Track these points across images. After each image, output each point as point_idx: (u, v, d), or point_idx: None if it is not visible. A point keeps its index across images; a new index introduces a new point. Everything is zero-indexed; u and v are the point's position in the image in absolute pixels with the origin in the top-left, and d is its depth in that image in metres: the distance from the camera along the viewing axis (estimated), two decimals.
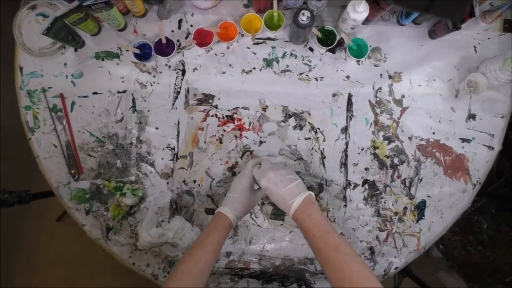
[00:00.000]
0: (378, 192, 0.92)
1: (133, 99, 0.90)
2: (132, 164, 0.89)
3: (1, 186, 0.98)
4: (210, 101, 0.91)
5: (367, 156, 0.92)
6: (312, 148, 0.92)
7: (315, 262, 0.90)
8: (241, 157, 0.91)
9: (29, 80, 0.88)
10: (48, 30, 0.74)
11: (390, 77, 0.93)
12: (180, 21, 0.91)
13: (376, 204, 0.92)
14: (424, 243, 0.92)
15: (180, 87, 0.91)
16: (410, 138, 0.93)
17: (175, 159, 0.90)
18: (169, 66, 0.91)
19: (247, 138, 0.91)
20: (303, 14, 0.78)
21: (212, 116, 0.91)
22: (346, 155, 0.92)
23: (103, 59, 0.90)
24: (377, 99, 0.93)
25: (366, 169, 0.92)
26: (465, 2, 0.75)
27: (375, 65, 0.93)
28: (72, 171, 0.87)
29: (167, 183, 0.89)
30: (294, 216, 0.68)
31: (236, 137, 0.91)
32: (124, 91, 0.90)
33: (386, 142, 0.93)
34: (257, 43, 0.92)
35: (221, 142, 0.91)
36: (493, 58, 0.89)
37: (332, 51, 0.93)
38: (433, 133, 0.93)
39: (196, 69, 0.91)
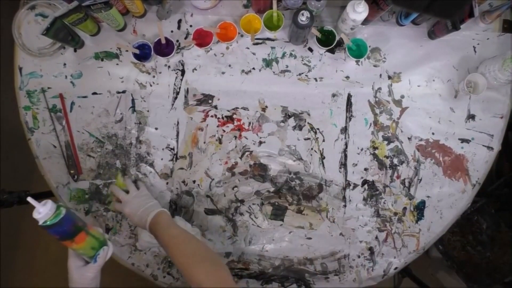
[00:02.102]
0: (377, 192, 0.92)
1: (133, 100, 0.90)
2: (131, 164, 0.89)
3: (0, 186, 0.98)
4: (210, 101, 0.91)
5: (367, 157, 0.92)
6: (312, 149, 0.92)
7: (315, 262, 0.90)
8: (240, 157, 0.91)
9: (29, 80, 0.88)
10: (47, 31, 0.74)
11: (389, 77, 0.93)
12: (179, 21, 0.91)
13: (375, 205, 0.92)
14: (423, 243, 0.92)
15: (180, 88, 0.91)
16: (409, 139, 0.93)
17: (174, 159, 0.90)
18: (169, 67, 0.91)
19: (247, 139, 0.91)
20: (303, 15, 0.78)
21: (212, 116, 0.91)
22: (345, 156, 0.92)
23: (102, 60, 0.90)
24: (377, 99, 0.93)
25: (366, 169, 0.92)
26: (464, 3, 0.75)
27: (375, 66, 0.93)
28: (72, 172, 0.87)
29: (167, 183, 0.89)
30: (150, 229, 0.73)
31: (235, 137, 0.91)
32: (124, 92, 0.90)
33: (386, 142, 0.93)
34: (257, 44, 0.92)
35: (220, 143, 0.91)
36: (493, 58, 0.89)
37: (332, 51, 0.93)
38: (433, 133, 0.93)
39: (196, 70, 0.91)
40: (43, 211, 0.55)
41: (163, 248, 0.70)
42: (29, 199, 0.56)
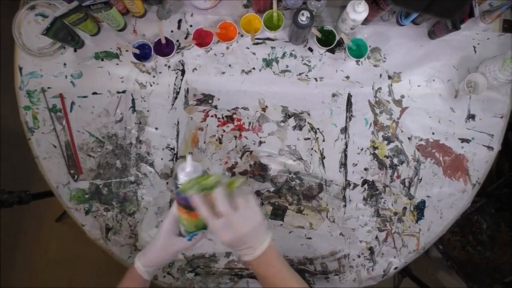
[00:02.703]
0: (377, 192, 0.92)
1: (133, 99, 0.90)
2: (131, 164, 0.89)
3: (0, 186, 0.97)
4: (210, 101, 0.91)
5: (367, 156, 0.92)
6: (312, 148, 0.92)
7: (315, 262, 0.90)
8: (240, 157, 0.91)
9: (29, 80, 0.88)
10: (47, 30, 0.74)
11: (389, 77, 0.93)
12: (179, 21, 0.91)
13: (375, 204, 0.92)
14: (423, 243, 0.92)
15: (180, 87, 0.91)
16: (409, 138, 0.93)
17: (174, 159, 0.90)
18: (169, 66, 0.91)
19: (247, 139, 0.91)
20: (303, 14, 0.78)
21: (212, 116, 0.91)
22: (345, 155, 0.92)
23: (102, 59, 0.90)
24: (377, 99, 0.93)
25: (366, 169, 0.92)
26: (464, 3, 0.75)
27: (375, 65, 0.93)
28: (72, 172, 0.87)
29: (167, 183, 0.89)
30: (253, 262, 0.55)
31: (235, 137, 0.91)
32: (124, 91, 0.90)
33: (386, 142, 0.93)
34: (257, 43, 0.92)
35: (220, 143, 0.91)
36: (493, 58, 0.89)
37: (332, 51, 0.93)
38: (433, 133, 0.93)
39: (196, 69, 0.91)
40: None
41: (265, 283, 0.57)
42: (188, 156, 0.53)
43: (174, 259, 0.62)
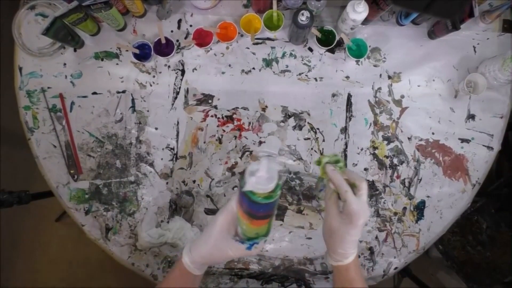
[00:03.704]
0: (377, 192, 0.92)
1: (133, 99, 0.90)
2: (131, 164, 0.89)
3: (0, 186, 0.97)
4: (210, 101, 0.91)
5: (367, 156, 0.92)
6: (312, 148, 0.92)
7: (315, 262, 0.90)
8: (240, 157, 0.91)
9: (29, 80, 0.88)
10: (47, 30, 0.74)
11: (389, 77, 0.93)
12: (179, 21, 0.91)
13: (375, 204, 0.92)
14: (423, 243, 0.92)
15: (180, 87, 0.91)
16: (409, 138, 0.93)
17: (174, 159, 0.90)
18: (169, 66, 0.91)
19: (247, 138, 0.91)
20: (303, 14, 0.78)
21: (212, 116, 0.91)
22: (345, 155, 0.92)
23: (102, 59, 0.90)
24: (377, 99, 0.93)
25: (366, 169, 0.92)
26: (464, 3, 0.75)
27: (375, 65, 0.93)
28: (72, 171, 0.87)
29: (167, 183, 0.89)
30: (347, 266, 0.56)
31: (235, 137, 0.91)
32: (124, 91, 0.90)
33: (386, 142, 0.93)
34: (257, 43, 0.92)
35: (220, 142, 0.91)
36: (493, 58, 0.89)
37: (332, 51, 0.93)
38: (433, 133, 0.93)
39: (196, 69, 0.91)
40: (262, 184, 0.42)
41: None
42: (264, 160, 0.43)
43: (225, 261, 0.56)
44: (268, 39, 0.92)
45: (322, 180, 0.61)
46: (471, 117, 0.94)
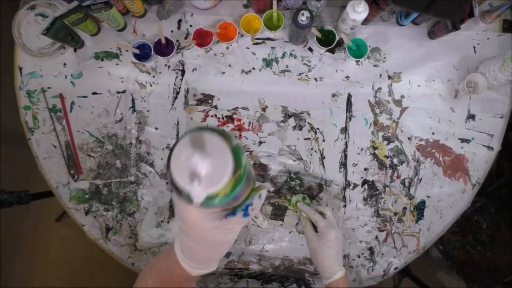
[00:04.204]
0: (377, 192, 0.92)
1: (133, 99, 0.90)
2: (131, 164, 0.89)
3: (0, 186, 0.98)
4: (210, 101, 0.91)
5: (367, 157, 0.92)
6: (312, 149, 0.92)
7: None
8: None
9: (29, 80, 0.88)
10: (47, 30, 0.74)
11: (389, 77, 0.93)
12: (179, 21, 0.91)
13: (375, 205, 0.92)
14: (423, 243, 0.92)
15: (180, 87, 0.91)
16: (409, 139, 0.93)
17: None
18: (169, 66, 0.91)
19: (247, 139, 0.91)
20: (303, 14, 0.78)
21: (212, 116, 0.91)
22: (345, 155, 0.92)
23: (102, 59, 0.90)
24: (377, 99, 0.93)
25: (366, 169, 0.92)
26: (464, 3, 0.75)
27: (375, 66, 0.93)
28: (72, 172, 0.87)
29: (167, 183, 0.89)
30: (337, 282, 0.67)
31: (235, 137, 0.91)
32: (124, 91, 0.90)
33: (386, 142, 0.93)
34: (257, 43, 0.92)
35: None
36: (493, 58, 0.89)
37: (332, 51, 0.93)
38: (433, 133, 0.93)
39: (196, 69, 0.91)
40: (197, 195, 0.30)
41: None
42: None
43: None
44: (268, 39, 0.92)
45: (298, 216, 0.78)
46: (471, 117, 0.94)
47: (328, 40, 0.90)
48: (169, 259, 0.46)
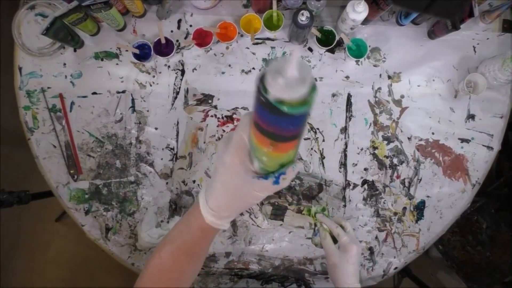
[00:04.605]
0: (377, 192, 0.92)
1: (133, 99, 0.90)
2: (131, 164, 0.89)
3: (0, 186, 0.98)
4: (210, 101, 0.91)
5: (367, 156, 0.92)
6: (312, 148, 0.92)
7: (315, 262, 0.90)
8: None
9: (28, 80, 0.88)
10: (47, 30, 0.74)
11: (389, 77, 0.93)
12: (179, 21, 0.91)
13: (375, 204, 0.92)
14: (423, 243, 0.92)
15: (180, 87, 0.91)
16: (409, 138, 0.93)
17: (174, 159, 0.90)
18: (169, 66, 0.91)
19: None
20: (303, 14, 0.78)
21: (212, 116, 0.91)
22: (345, 155, 0.92)
23: (102, 59, 0.90)
24: (377, 99, 0.93)
25: (366, 169, 0.92)
26: (464, 3, 0.75)
27: (375, 65, 0.93)
28: (72, 171, 0.87)
29: (167, 183, 0.89)
30: None
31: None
32: (124, 91, 0.90)
33: (386, 142, 0.93)
34: (257, 43, 0.92)
35: None
36: (492, 58, 0.89)
37: (332, 51, 0.93)
38: (433, 133, 0.93)
39: (196, 69, 0.91)
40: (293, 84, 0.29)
41: None
42: (295, 53, 0.28)
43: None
44: (268, 39, 0.92)
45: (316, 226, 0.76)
46: (471, 117, 0.94)
47: (328, 40, 0.90)
48: (188, 218, 0.47)
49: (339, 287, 0.64)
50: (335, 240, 0.71)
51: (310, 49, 0.93)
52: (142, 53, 0.88)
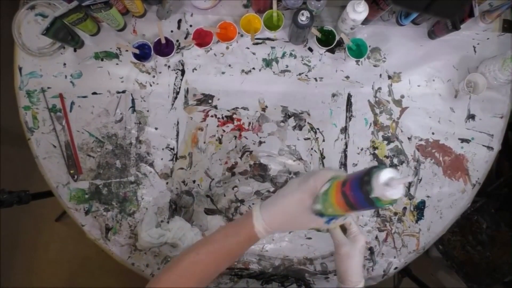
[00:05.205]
0: None
1: (133, 99, 0.90)
2: (131, 164, 0.89)
3: (0, 186, 0.97)
4: (210, 101, 0.91)
5: (367, 157, 0.92)
6: (312, 148, 0.92)
7: (315, 262, 0.90)
8: (240, 157, 0.91)
9: (28, 80, 0.88)
10: (47, 30, 0.74)
11: (389, 77, 0.93)
12: (179, 21, 0.91)
13: None
14: (423, 243, 0.92)
15: (180, 87, 0.91)
16: (409, 138, 0.93)
17: (174, 159, 0.90)
18: (169, 66, 0.91)
19: (247, 139, 0.91)
20: (303, 14, 0.78)
21: (212, 116, 0.91)
22: (345, 155, 0.92)
23: (102, 59, 0.90)
24: (377, 99, 0.93)
25: None
26: (464, 2, 0.75)
27: (375, 65, 0.93)
28: (72, 172, 0.87)
29: (167, 183, 0.89)
30: None
31: (235, 137, 0.91)
32: (124, 91, 0.90)
33: (386, 142, 0.93)
34: (257, 43, 0.92)
35: (220, 143, 0.91)
36: (493, 58, 0.89)
37: (332, 51, 0.93)
38: (433, 133, 0.93)
39: (196, 69, 0.91)
40: (397, 192, 0.40)
41: None
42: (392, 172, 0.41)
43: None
44: (268, 39, 0.92)
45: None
46: (471, 117, 0.94)
47: (328, 40, 0.89)
48: (236, 225, 0.56)
49: (346, 279, 0.62)
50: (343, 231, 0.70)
51: (310, 49, 0.93)
52: (142, 53, 0.88)
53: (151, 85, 0.90)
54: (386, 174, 0.41)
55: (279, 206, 0.53)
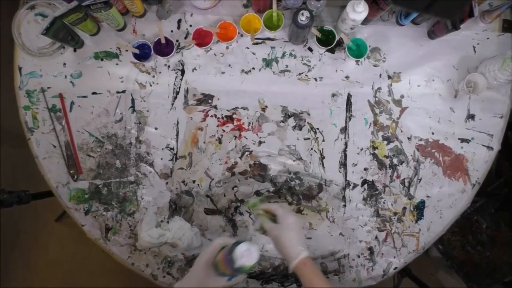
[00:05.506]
0: (377, 192, 0.92)
1: (132, 99, 0.90)
2: (131, 164, 0.89)
3: (0, 186, 0.97)
4: (210, 101, 0.91)
5: (366, 156, 0.92)
6: (312, 148, 0.92)
7: (315, 262, 0.90)
8: (240, 157, 0.91)
9: (28, 80, 0.88)
10: (47, 30, 0.74)
11: (389, 77, 0.93)
12: (179, 21, 0.91)
13: (375, 204, 0.92)
14: (423, 243, 0.92)
15: (180, 87, 0.91)
16: (409, 138, 0.93)
17: (174, 159, 0.90)
18: (168, 66, 0.91)
19: (247, 139, 0.91)
20: (303, 14, 0.78)
21: (212, 116, 0.91)
22: (345, 155, 0.92)
23: (102, 59, 0.90)
24: (376, 99, 0.93)
25: (366, 169, 0.92)
26: (464, 2, 0.75)
27: (374, 65, 0.93)
28: (71, 171, 0.87)
29: (166, 183, 0.89)
30: (303, 265, 0.67)
31: (235, 137, 0.91)
32: (123, 91, 0.90)
33: (385, 142, 0.93)
34: (257, 43, 0.92)
35: (220, 142, 0.91)
36: (492, 58, 0.89)
37: (332, 51, 0.93)
38: (432, 133, 0.93)
39: (196, 69, 0.91)
40: (249, 260, 0.56)
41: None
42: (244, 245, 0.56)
43: None
44: (268, 39, 0.92)
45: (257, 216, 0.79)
46: (471, 117, 0.94)
47: (328, 40, 0.90)
48: None
49: (287, 255, 0.66)
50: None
51: (310, 49, 0.93)
52: (142, 53, 0.88)
53: (151, 85, 0.90)
54: (241, 248, 0.55)
55: (190, 274, 0.64)
